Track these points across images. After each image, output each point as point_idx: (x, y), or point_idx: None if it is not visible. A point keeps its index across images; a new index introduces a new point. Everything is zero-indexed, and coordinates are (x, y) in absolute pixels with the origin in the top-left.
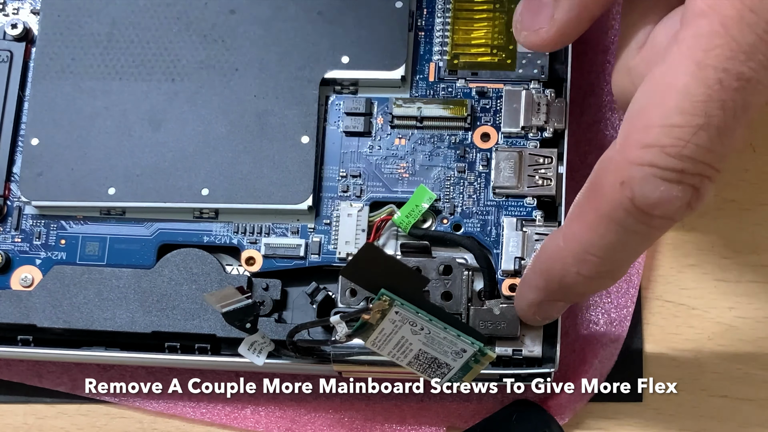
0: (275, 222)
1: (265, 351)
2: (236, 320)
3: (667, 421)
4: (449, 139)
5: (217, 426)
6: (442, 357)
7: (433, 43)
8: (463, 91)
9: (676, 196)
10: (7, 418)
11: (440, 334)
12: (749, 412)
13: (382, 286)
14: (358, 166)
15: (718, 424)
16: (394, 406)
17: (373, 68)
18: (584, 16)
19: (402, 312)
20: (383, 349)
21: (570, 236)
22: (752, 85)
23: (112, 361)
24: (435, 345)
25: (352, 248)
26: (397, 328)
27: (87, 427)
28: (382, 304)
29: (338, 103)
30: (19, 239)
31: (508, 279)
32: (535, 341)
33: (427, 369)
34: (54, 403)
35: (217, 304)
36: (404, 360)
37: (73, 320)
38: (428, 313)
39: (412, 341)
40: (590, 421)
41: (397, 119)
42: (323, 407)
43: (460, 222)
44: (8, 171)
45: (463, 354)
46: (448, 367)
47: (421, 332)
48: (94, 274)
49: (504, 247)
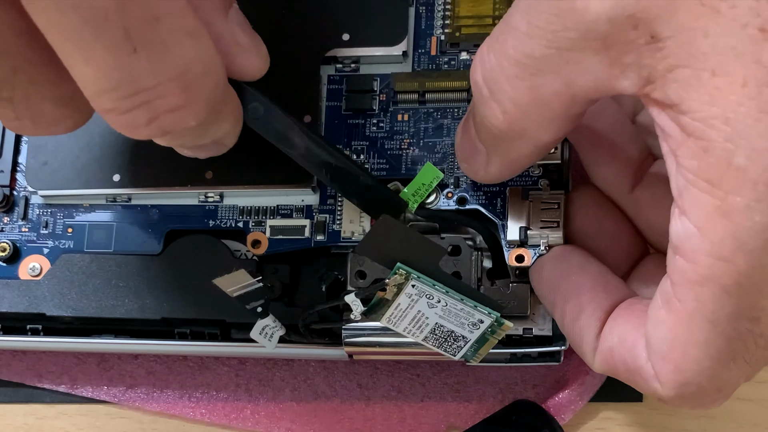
0: (280, 203)
1: (277, 335)
2: (247, 304)
3: (667, 421)
4: (453, 113)
5: (217, 426)
6: (458, 329)
7: (435, 17)
8: (465, 63)
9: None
10: (7, 418)
11: (457, 306)
12: (749, 412)
13: (398, 260)
14: (361, 143)
15: (718, 424)
16: (394, 406)
17: (374, 44)
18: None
19: (419, 285)
20: (399, 326)
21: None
22: (764, 318)
23: (121, 350)
24: (452, 317)
25: (357, 227)
26: (413, 303)
27: (87, 427)
28: (399, 279)
29: (340, 80)
30: (27, 229)
31: (514, 249)
32: (546, 319)
33: (443, 343)
34: (54, 403)
35: (227, 288)
36: (420, 335)
37: (81, 308)
38: (444, 285)
39: (429, 315)
40: (590, 421)
41: (399, 95)
42: (323, 407)
43: (465, 195)
44: (14, 161)
45: (480, 325)
46: (465, 339)
47: (437, 305)
48: (102, 262)
49: (509, 218)
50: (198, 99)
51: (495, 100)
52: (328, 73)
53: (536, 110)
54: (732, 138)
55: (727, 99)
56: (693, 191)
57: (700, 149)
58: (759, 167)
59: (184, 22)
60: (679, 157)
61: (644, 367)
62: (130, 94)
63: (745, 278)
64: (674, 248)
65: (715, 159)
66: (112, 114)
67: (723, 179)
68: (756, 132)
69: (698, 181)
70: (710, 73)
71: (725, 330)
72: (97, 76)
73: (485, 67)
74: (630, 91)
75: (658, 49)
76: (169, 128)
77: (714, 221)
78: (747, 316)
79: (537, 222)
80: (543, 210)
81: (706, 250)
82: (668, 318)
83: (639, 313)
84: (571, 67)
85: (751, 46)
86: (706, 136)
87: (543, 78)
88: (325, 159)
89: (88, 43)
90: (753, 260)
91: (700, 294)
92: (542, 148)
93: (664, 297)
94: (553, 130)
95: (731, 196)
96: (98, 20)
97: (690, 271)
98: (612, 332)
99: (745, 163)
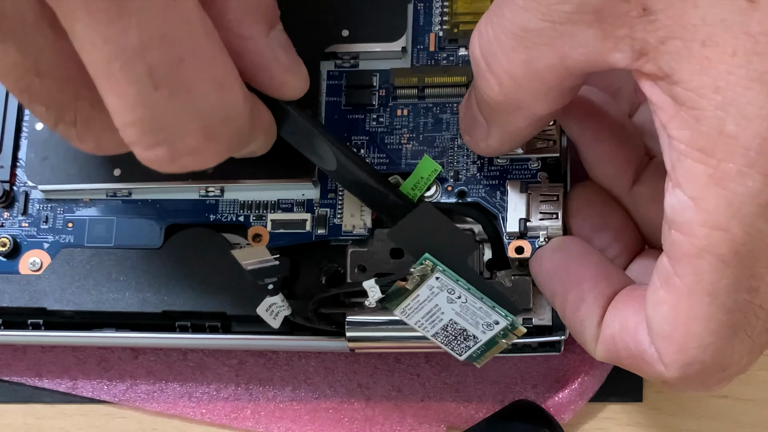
0: (281, 198)
1: (282, 314)
2: (261, 279)
3: (667, 421)
4: (452, 108)
5: (217, 426)
6: (471, 328)
7: (433, 13)
8: (464, 59)
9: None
10: (7, 418)
11: (476, 304)
12: (749, 412)
13: (427, 250)
14: (361, 138)
15: (718, 424)
16: (394, 406)
17: (374, 40)
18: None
19: (443, 279)
20: (411, 318)
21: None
22: (763, 288)
23: (122, 344)
24: (468, 315)
25: (357, 221)
26: (433, 296)
27: (87, 427)
28: (425, 269)
29: (339, 76)
30: (27, 224)
31: (514, 241)
32: (546, 309)
33: (452, 341)
34: (54, 403)
35: (243, 260)
36: (430, 330)
37: (82, 302)
38: (467, 281)
39: (445, 310)
40: (590, 421)
41: (398, 90)
42: (323, 407)
43: (465, 189)
44: (14, 157)
45: (494, 326)
46: (475, 340)
47: (457, 301)
48: (102, 256)
49: (509, 211)
50: (218, 143)
51: (492, 72)
52: (328, 68)
53: (531, 83)
54: (723, 106)
55: (717, 68)
56: (686, 162)
57: (691, 119)
58: (750, 133)
59: (211, 68)
60: (672, 129)
61: (647, 351)
62: (152, 130)
63: (741, 246)
64: (669, 223)
65: (706, 127)
66: (137, 148)
67: (715, 147)
68: (746, 99)
69: (691, 151)
70: (700, 44)
71: (725, 302)
72: (123, 108)
73: (483, 40)
74: (622, 65)
75: (650, 22)
76: (192, 168)
77: (708, 190)
78: (746, 286)
79: (536, 214)
80: (542, 202)
81: (701, 220)
82: (668, 297)
83: (639, 298)
84: (565, 41)
85: (740, 16)
86: (698, 105)
87: (538, 51)
88: (357, 178)
89: (114, 75)
90: (748, 227)
91: (698, 266)
92: (538, 121)
93: (662, 276)
94: (547, 103)
95: (723, 163)
96: (125, 55)
97: (686, 244)
98: (613, 319)
99: (736, 130)
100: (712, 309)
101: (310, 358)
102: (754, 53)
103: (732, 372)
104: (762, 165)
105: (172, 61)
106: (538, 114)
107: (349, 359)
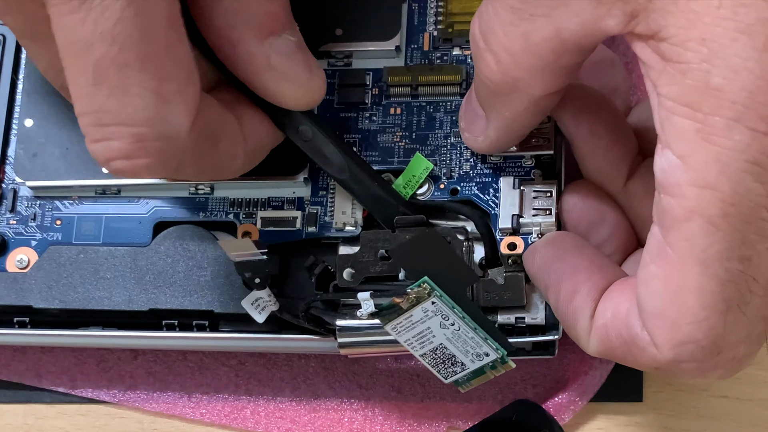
0: (271, 195)
1: (268, 309)
2: (247, 272)
3: (667, 421)
4: (445, 106)
5: (217, 426)
6: (460, 356)
7: (428, 13)
8: (458, 58)
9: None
10: (7, 418)
11: (468, 333)
12: (749, 412)
13: (427, 274)
14: (354, 137)
15: (718, 424)
16: (394, 406)
17: (367, 39)
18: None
19: (439, 304)
20: (402, 335)
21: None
22: (755, 258)
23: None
24: (459, 342)
25: (348, 218)
26: (426, 318)
27: (87, 427)
28: (421, 292)
29: (332, 74)
30: (15, 221)
31: (507, 237)
32: (539, 309)
33: (439, 364)
34: (54, 403)
35: (230, 252)
36: (419, 350)
37: (69, 300)
38: (463, 310)
39: (437, 334)
40: (590, 421)
41: (392, 88)
42: (323, 407)
43: (458, 186)
44: (2, 153)
45: (484, 358)
46: (463, 367)
47: (450, 327)
48: (89, 253)
49: (501, 207)
50: (149, 155)
51: (490, 50)
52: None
53: (528, 58)
54: (709, 58)
55: (702, 21)
56: (674, 119)
57: (678, 73)
58: (736, 86)
59: (156, 80)
60: (660, 87)
61: (639, 335)
62: (95, 124)
63: (730, 207)
64: (659, 187)
65: (693, 81)
66: (86, 139)
67: (702, 101)
68: (732, 51)
69: (678, 106)
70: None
71: (717, 271)
72: (75, 96)
73: (482, 18)
74: (616, 30)
75: None
76: (126, 174)
77: (695, 146)
78: (737, 254)
79: (529, 210)
80: (535, 198)
81: (689, 180)
82: (659, 270)
83: (631, 285)
84: (561, 10)
85: None
86: (684, 59)
87: (535, 23)
88: (366, 187)
89: (68, 62)
90: (736, 184)
91: (689, 231)
92: (536, 104)
93: (652, 251)
94: (544, 81)
95: (710, 117)
96: (77, 45)
97: (676, 208)
98: (605, 308)
99: (723, 83)
100: (704, 279)
101: (309, 359)
102: (741, 4)
103: (728, 357)
104: (749, 119)
105: (117, 62)
106: (536, 95)
107: (349, 360)
